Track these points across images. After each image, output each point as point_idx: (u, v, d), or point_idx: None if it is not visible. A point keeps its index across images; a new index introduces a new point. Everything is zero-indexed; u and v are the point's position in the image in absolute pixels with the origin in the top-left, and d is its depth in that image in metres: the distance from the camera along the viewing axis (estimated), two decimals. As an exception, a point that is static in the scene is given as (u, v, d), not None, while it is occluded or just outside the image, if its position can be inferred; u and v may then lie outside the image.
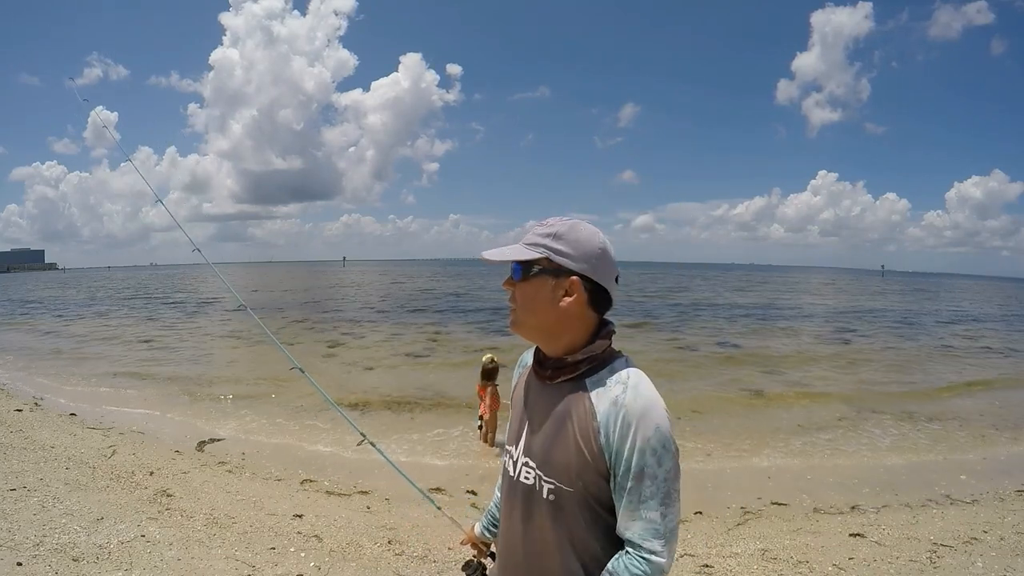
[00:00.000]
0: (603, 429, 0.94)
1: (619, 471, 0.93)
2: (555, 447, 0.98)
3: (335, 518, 3.77)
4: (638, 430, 0.91)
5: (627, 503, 0.93)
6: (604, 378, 0.98)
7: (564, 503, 0.97)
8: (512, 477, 1.07)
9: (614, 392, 0.95)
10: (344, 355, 11.36)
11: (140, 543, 3.14)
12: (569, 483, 0.97)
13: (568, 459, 0.96)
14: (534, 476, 1.01)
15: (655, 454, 0.91)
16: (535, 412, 1.05)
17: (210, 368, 10.02)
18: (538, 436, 1.02)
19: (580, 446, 0.95)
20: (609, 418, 0.93)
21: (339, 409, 1.92)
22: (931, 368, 10.66)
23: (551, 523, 0.99)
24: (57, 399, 7.41)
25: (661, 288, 37.54)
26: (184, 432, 5.95)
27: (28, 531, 3.16)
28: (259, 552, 3.19)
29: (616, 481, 0.94)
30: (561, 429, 0.98)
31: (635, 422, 0.91)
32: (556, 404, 1.01)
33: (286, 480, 4.60)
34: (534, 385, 1.09)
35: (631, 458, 0.91)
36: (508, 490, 1.09)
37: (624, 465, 0.92)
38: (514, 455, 1.07)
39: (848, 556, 3.28)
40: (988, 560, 3.22)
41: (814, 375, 9.69)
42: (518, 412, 1.11)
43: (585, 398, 0.97)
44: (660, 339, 13.76)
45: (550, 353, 1.04)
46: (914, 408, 7.43)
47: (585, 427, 0.95)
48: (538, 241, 1.00)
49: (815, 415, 6.96)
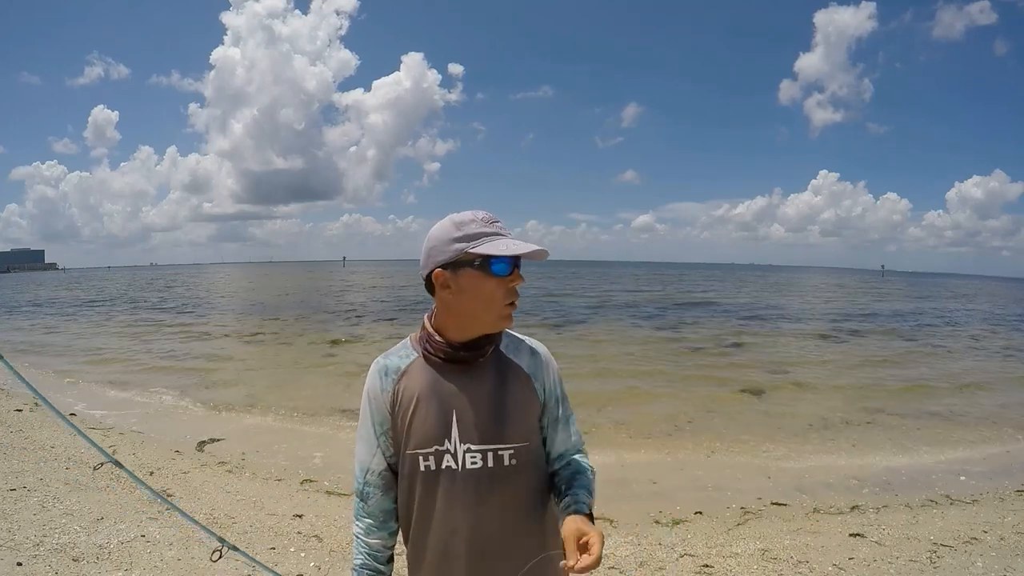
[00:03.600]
0: (533, 377, 1.14)
1: (551, 403, 1.16)
2: (505, 413, 1.09)
3: (335, 518, 3.76)
4: (552, 367, 1.17)
5: (562, 425, 1.17)
6: (508, 343, 1.16)
7: (524, 461, 1.10)
8: (454, 470, 1.06)
9: (525, 347, 1.16)
10: (344, 355, 11.35)
11: (140, 543, 3.14)
12: (524, 437, 1.10)
13: (518, 416, 1.10)
14: (484, 455, 1.07)
15: (560, 381, 1.19)
16: (461, 400, 1.07)
17: (210, 368, 10.01)
18: (479, 417, 1.07)
19: (523, 399, 1.11)
20: (533, 367, 1.14)
21: (72, 423, 1.56)
22: (931, 368, 10.65)
23: (512, 488, 1.09)
24: (57, 399, 7.40)
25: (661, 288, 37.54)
26: (184, 432, 5.95)
27: (28, 531, 3.17)
28: (259, 552, 3.19)
29: (548, 413, 1.16)
30: (504, 395, 1.10)
31: (548, 362, 1.17)
32: (487, 378, 1.10)
33: (286, 480, 4.60)
34: (445, 378, 1.08)
35: (555, 389, 1.16)
36: (445, 488, 1.07)
37: (553, 397, 1.16)
38: (450, 448, 1.06)
39: (848, 556, 3.28)
40: (988, 560, 3.22)
41: (814, 375, 9.68)
42: (431, 410, 1.07)
43: (509, 360, 1.13)
44: (660, 339, 13.75)
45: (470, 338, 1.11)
46: (914, 408, 7.43)
47: (522, 383, 1.12)
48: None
49: (815, 415, 6.95)
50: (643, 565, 3.20)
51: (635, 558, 3.27)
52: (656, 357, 11.25)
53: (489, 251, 1.00)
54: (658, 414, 6.93)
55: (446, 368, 1.09)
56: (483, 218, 1.05)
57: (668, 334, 14.67)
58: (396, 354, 1.14)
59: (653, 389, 8.35)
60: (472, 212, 1.06)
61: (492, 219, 1.05)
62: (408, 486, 1.11)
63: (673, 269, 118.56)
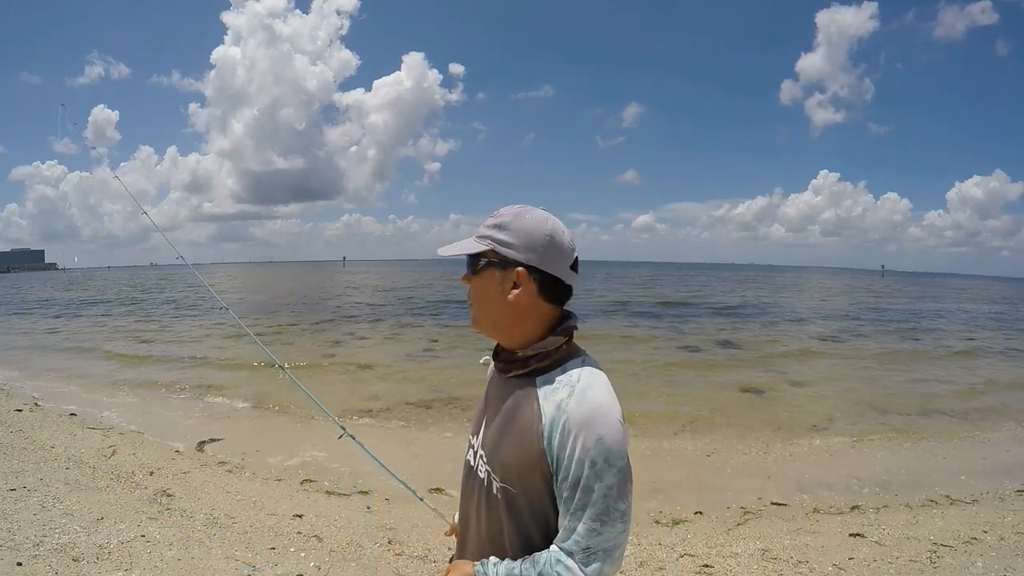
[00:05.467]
0: (547, 433, 0.90)
1: (559, 478, 0.89)
2: (502, 445, 0.97)
3: (335, 518, 3.77)
4: (578, 439, 0.86)
5: (562, 512, 0.90)
6: (554, 378, 0.94)
7: (512, 501, 0.95)
8: (472, 466, 1.08)
9: (560, 395, 0.91)
10: (345, 356, 11.35)
11: (140, 543, 3.15)
12: (512, 484, 0.94)
13: (511, 459, 0.94)
14: (486, 470, 1.01)
15: (594, 467, 0.86)
16: (491, 405, 1.06)
17: (210, 368, 10.01)
18: (491, 430, 1.02)
19: (524, 448, 0.92)
20: (553, 423, 0.89)
21: (321, 405, 1.92)
22: (931, 368, 10.64)
23: (505, 515, 0.97)
24: (56, 399, 7.40)
25: (661, 288, 37.53)
26: (184, 432, 5.94)
27: (28, 531, 3.17)
28: (259, 552, 3.19)
29: (557, 487, 0.90)
30: (508, 427, 0.97)
31: (576, 430, 0.87)
32: (506, 400, 0.99)
33: (286, 480, 4.60)
34: (495, 377, 1.08)
35: (569, 467, 0.87)
36: (467, 477, 1.11)
37: (563, 473, 0.88)
38: (475, 445, 1.08)
39: (848, 556, 3.28)
40: (988, 560, 3.22)
41: (814, 374, 9.68)
42: (481, 403, 1.12)
43: (534, 398, 0.94)
44: (660, 338, 13.75)
45: (508, 348, 1.02)
46: (914, 407, 7.43)
47: (530, 429, 0.92)
48: (485, 233, 0.98)
49: (815, 415, 6.95)
50: (643, 565, 3.20)
51: (635, 558, 3.27)
52: (656, 357, 11.24)
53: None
54: (658, 414, 6.92)
55: (496, 369, 1.09)
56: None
57: (668, 333, 14.65)
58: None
59: (653, 389, 8.34)
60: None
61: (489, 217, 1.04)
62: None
63: (673, 269, 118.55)
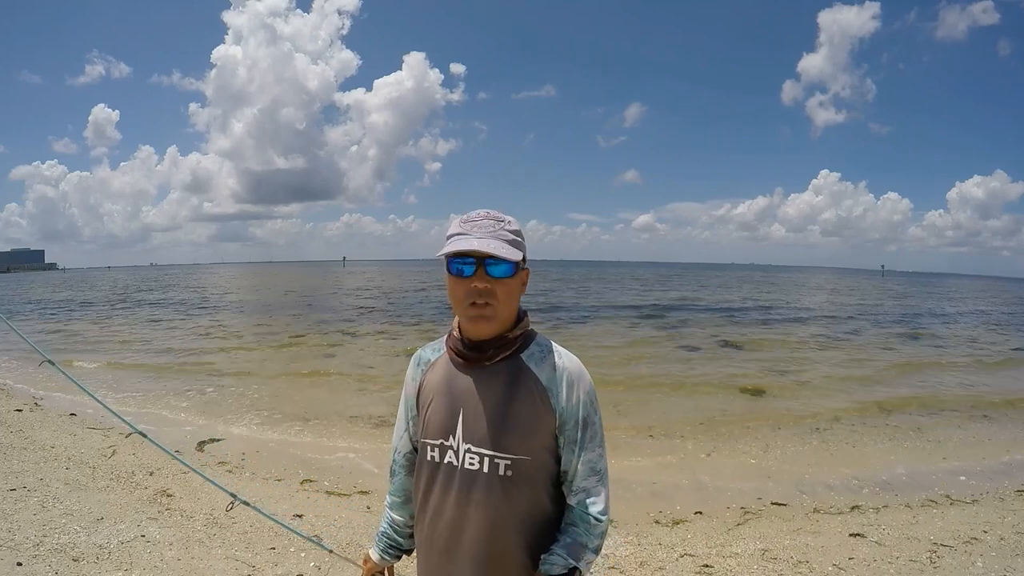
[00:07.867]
0: (550, 392, 1.07)
1: (568, 425, 1.07)
2: (508, 422, 1.05)
3: (335, 518, 3.77)
4: (579, 387, 1.08)
5: (576, 450, 1.08)
6: (534, 351, 1.11)
7: (521, 475, 1.05)
8: (454, 466, 1.08)
9: (551, 360, 1.09)
10: (344, 356, 11.35)
11: (140, 543, 3.15)
12: (527, 451, 1.05)
13: (523, 428, 1.05)
14: (481, 459, 1.05)
15: (592, 404, 1.09)
16: (470, 399, 1.09)
17: (210, 368, 10.01)
18: (482, 420, 1.06)
19: (532, 412, 1.05)
20: (553, 381, 1.07)
21: (110, 408, 1.80)
22: (930, 368, 10.65)
23: (504, 499, 1.05)
24: (56, 398, 7.40)
25: (661, 288, 37.54)
26: (184, 432, 5.94)
27: (28, 531, 3.16)
28: (259, 552, 3.19)
29: (565, 435, 1.07)
30: (511, 403, 1.06)
31: (576, 380, 1.08)
32: (497, 383, 1.08)
33: (286, 480, 4.60)
34: (459, 376, 1.11)
35: (577, 411, 1.07)
36: (443, 481, 1.10)
37: (572, 419, 1.07)
38: (453, 445, 1.09)
39: (848, 556, 3.28)
40: (988, 560, 3.22)
41: (814, 374, 9.68)
42: (444, 404, 1.11)
43: (527, 369, 1.08)
44: (660, 338, 13.75)
45: (489, 337, 1.08)
46: (914, 407, 7.43)
47: (534, 394, 1.06)
48: (513, 239, 1.06)
49: (815, 415, 6.94)
50: (643, 565, 3.20)
51: (635, 558, 3.28)
52: (656, 357, 11.24)
53: (444, 251, 1.05)
54: (658, 414, 6.93)
55: (462, 366, 1.12)
56: (465, 218, 1.07)
57: (668, 333, 14.65)
58: (432, 347, 1.21)
59: (653, 389, 8.35)
60: (473, 212, 1.08)
61: (473, 218, 1.06)
62: (419, 472, 1.17)
63: (674, 269, 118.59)
